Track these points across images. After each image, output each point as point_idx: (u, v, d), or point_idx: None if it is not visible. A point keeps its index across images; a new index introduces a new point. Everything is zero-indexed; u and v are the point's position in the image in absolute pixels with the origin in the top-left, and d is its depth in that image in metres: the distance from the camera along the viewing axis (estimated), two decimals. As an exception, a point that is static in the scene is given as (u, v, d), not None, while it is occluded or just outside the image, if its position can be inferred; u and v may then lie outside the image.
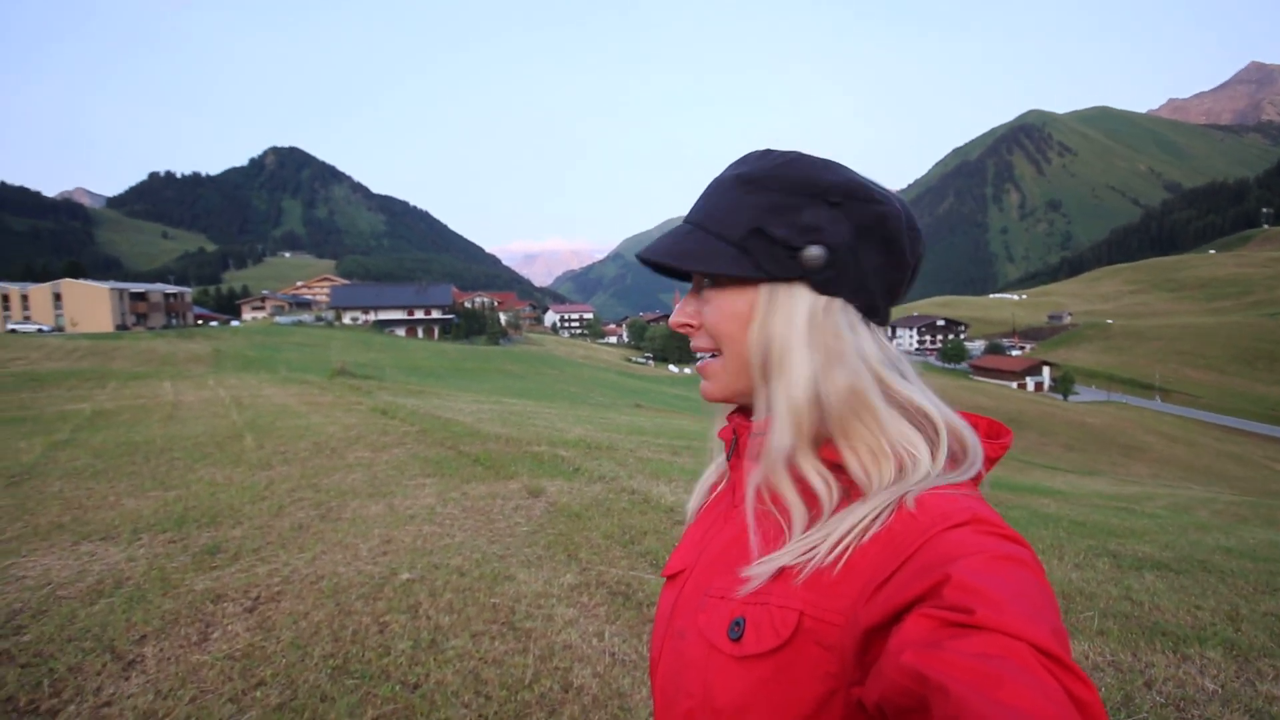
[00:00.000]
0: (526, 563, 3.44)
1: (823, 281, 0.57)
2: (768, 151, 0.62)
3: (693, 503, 0.74)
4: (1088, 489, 11.01)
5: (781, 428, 0.56)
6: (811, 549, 0.52)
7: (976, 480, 0.56)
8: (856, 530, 0.51)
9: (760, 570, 0.54)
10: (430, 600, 2.93)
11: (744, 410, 0.66)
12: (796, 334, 0.57)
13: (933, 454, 0.54)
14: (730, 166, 0.63)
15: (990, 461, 0.58)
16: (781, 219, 0.57)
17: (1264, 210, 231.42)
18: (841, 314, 0.57)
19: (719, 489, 0.71)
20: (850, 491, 0.55)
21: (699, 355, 0.66)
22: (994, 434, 0.60)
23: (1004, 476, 10.66)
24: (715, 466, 0.73)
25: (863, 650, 0.47)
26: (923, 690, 0.39)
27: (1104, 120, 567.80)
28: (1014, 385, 65.48)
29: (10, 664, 2.37)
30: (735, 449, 0.67)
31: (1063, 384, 59.66)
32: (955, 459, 0.55)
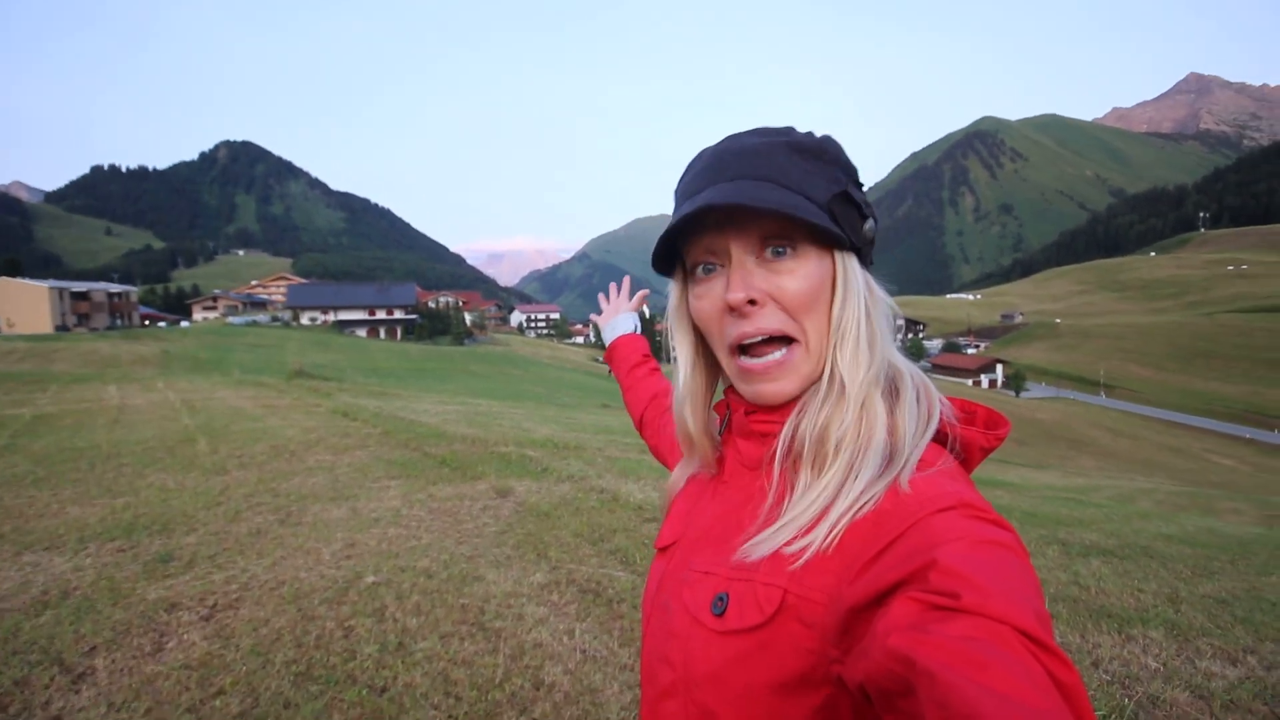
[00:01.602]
0: (495, 563, 3.42)
1: (865, 255, 0.60)
2: (791, 128, 0.60)
3: (676, 474, 0.73)
4: (1039, 482, 11.43)
5: (846, 400, 0.56)
6: (808, 530, 0.52)
7: (966, 464, 0.58)
8: (851, 510, 0.51)
9: (759, 549, 0.54)
10: (397, 603, 2.89)
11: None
12: (864, 305, 0.58)
13: (896, 416, 0.56)
14: (764, 134, 0.60)
15: (984, 451, 0.59)
16: (850, 189, 0.59)
17: (1201, 215, 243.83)
18: (878, 288, 0.60)
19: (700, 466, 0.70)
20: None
21: (752, 351, 0.59)
22: (991, 425, 0.60)
23: (961, 471, 10.94)
24: (692, 455, 0.71)
25: (844, 628, 0.48)
26: (908, 674, 0.40)
27: (1053, 127, 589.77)
28: (970, 383, 67.53)
29: (-53, 681, 2.25)
30: (727, 425, 0.67)
31: (1015, 381, 61.79)
32: (920, 419, 0.57)
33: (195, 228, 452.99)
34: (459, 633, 2.64)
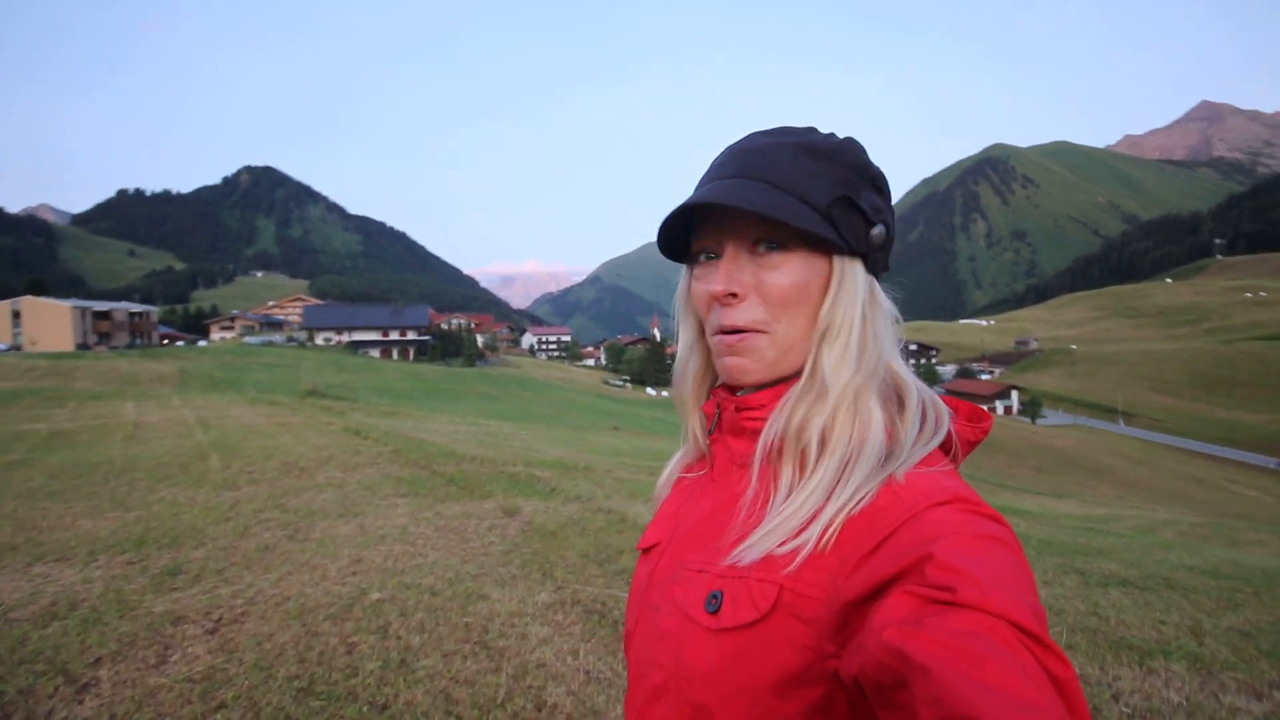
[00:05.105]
0: (500, 582, 3.39)
1: (873, 261, 0.60)
2: (813, 129, 0.61)
3: (663, 478, 0.74)
4: (1057, 510, 11.20)
5: (827, 400, 0.56)
6: (799, 532, 0.52)
7: (955, 459, 0.58)
8: (845, 511, 0.51)
9: (749, 553, 0.53)
10: (401, 620, 2.87)
11: (728, 386, 0.64)
12: (861, 309, 0.58)
13: (896, 425, 0.56)
14: (777, 134, 0.61)
15: (969, 444, 0.60)
16: (859, 194, 0.58)
17: (1217, 241, 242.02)
18: (881, 295, 0.60)
19: (693, 466, 0.70)
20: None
21: (726, 331, 0.60)
22: (974, 418, 0.61)
23: (976, 497, 10.75)
24: (690, 443, 0.71)
25: (841, 624, 0.47)
26: (903, 668, 0.40)
27: (1064, 154, 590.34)
28: (984, 408, 66.72)
29: (-47, 690, 2.25)
30: (717, 424, 0.66)
31: (1031, 407, 60.96)
32: (925, 430, 0.57)
33: (216, 250, 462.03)
34: (462, 651, 2.61)
